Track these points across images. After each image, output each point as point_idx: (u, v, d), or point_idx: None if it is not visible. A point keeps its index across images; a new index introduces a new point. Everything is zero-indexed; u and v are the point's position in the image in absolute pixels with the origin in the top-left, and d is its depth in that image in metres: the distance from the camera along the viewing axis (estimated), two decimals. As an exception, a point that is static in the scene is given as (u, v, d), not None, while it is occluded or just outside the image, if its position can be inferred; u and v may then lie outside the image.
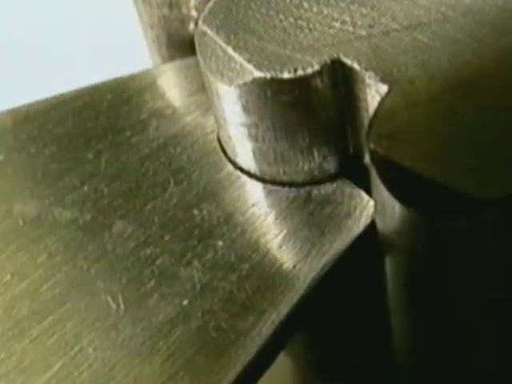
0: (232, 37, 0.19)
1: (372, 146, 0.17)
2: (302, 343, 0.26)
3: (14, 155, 0.21)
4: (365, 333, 0.24)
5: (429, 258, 0.18)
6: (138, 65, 0.24)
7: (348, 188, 0.20)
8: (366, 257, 0.20)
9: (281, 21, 0.20)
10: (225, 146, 0.21)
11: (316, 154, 0.20)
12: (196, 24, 0.20)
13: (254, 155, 0.20)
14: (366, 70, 0.19)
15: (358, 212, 0.20)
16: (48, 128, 0.21)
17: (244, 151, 0.21)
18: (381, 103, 0.18)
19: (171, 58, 0.25)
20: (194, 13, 0.22)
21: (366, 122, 0.19)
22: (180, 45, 0.24)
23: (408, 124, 0.17)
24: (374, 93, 0.19)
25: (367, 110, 0.19)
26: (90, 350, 0.18)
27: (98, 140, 0.21)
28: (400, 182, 0.17)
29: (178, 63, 0.23)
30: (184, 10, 0.23)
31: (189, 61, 0.23)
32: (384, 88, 0.18)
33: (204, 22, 0.20)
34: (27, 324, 0.19)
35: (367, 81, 0.19)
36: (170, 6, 0.23)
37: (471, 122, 0.17)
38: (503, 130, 0.17)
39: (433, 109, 0.18)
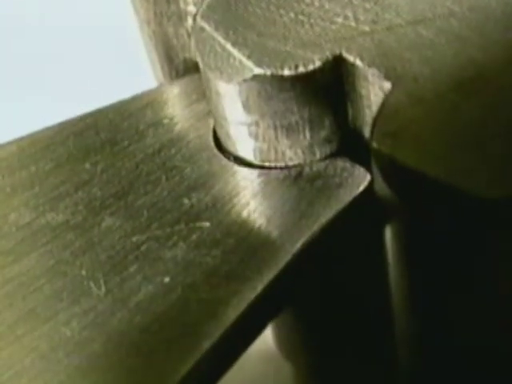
0: (231, 33, 0.19)
1: (375, 144, 0.17)
2: (302, 347, 0.26)
3: (15, 176, 0.22)
4: (365, 328, 0.24)
5: (430, 249, 0.18)
6: (134, 61, 0.24)
7: (341, 162, 0.20)
8: (363, 231, 0.20)
9: (281, 16, 0.19)
10: (224, 145, 0.21)
11: (318, 152, 0.20)
12: (194, 20, 0.20)
13: (255, 154, 0.20)
14: (369, 66, 0.18)
15: (349, 181, 0.20)
16: (50, 149, 0.22)
17: (244, 150, 0.20)
18: (384, 101, 0.18)
19: (167, 55, 0.24)
20: (191, 8, 0.22)
21: (369, 120, 0.19)
22: (177, 41, 0.24)
23: (412, 122, 0.17)
24: (377, 90, 0.18)
25: (370, 107, 0.19)
26: (67, 332, 0.18)
27: (96, 152, 0.22)
28: (404, 182, 0.17)
29: (179, 81, 0.24)
30: (182, 5, 0.22)
31: (191, 77, 0.23)
32: (387, 85, 0.18)
33: (202, 17, 0.20)
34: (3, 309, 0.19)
35: (370, 78, 0.18)
36: (168, 1, 0.23)
37: (477, 120, 0.17)
38: (510, 129, 0.17)
39: (438, 106, 0.17)
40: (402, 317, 0.21)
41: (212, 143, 0.21)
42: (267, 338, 0.26)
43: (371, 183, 0.19)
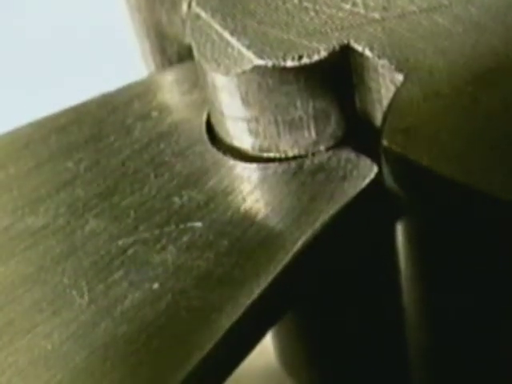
0: (229, 20, 0.19)
1: (386, 142, 0.17)
2: (305, 362, 0.26)
3: None
4: (374, 340, 0.23)
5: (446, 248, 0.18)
6: (128, 53, 0.23)
7: (344, 153, 0.19)
8: (371, 228, 0.19)
9: (284, 2, 0.19)
10: (222, 141, 0.21)
11: (323, 150, 0.19)
12: (189, 6, 0.20)
13: (254, 152, 0.20)
14: (380, 57, 0.18)
15: (354, 174, 0.19)
16: (30, 148, 0.21)
17: (243, 148, 0.20)
18: (396, 94, 0.17)
19: (160, 44, 0.24)
20: (186, -7, 0.22)
21: (379, 116, 0.19)
22: (170, 30, 0.23)
23: (426, 118, 0.17)
24: (388, 83, 0.18)
25: (381, 102, 0.19)
26: (47, 345, 0.18)
27: (79, 149, 0.21)
28: (417, 183, 0.17)
29: (170, 70, 0.23)
30: (175, -10, 0.23)
31: (183, 66, 0.23)
32: (399, 77, 0.18)
33: (198, 3, 0.20)
34: None
35: (380, 70, 0.18)
36: (160, -14, 0.23)
37: (497, 116, 0.17)
38: (533, 125, 0.17)
39: (454, 101, 0.17)
40: (415, 327, 0.21)
41: (205, 136, 0.21)
42: (269, 353, 0.26)
43: (378, 175, 0.19)
